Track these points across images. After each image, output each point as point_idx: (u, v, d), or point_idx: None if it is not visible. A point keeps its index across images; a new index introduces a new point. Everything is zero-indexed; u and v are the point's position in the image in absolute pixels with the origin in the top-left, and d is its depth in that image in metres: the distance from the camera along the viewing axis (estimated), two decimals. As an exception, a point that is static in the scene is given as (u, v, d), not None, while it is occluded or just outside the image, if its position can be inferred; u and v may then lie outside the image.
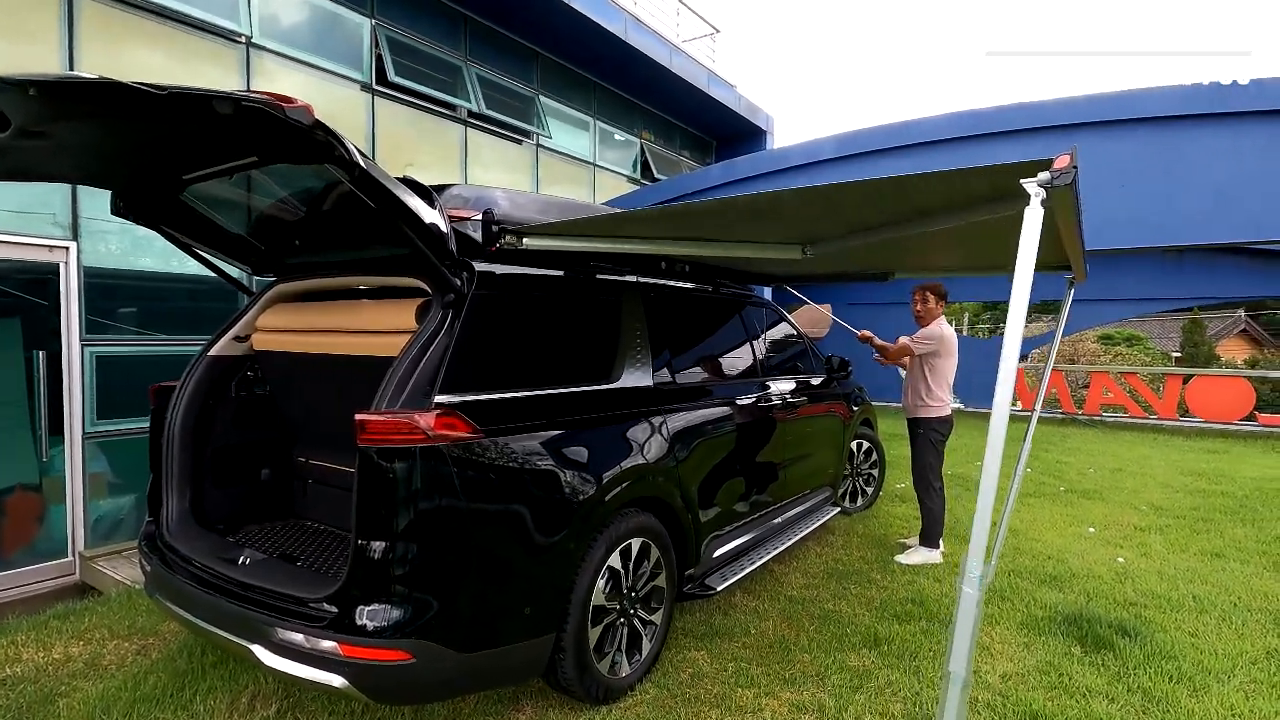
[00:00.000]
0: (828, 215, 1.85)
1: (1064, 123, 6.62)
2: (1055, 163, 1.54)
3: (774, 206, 1.74)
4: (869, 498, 5.49)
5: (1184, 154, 6.25)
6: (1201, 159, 6.12)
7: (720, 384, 3.59)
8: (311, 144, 1.84)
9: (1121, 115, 6.31)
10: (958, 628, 1.81)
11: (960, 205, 1.73)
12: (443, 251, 2.29)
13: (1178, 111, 6.10)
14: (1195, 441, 9.42)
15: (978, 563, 1.72)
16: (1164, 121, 6.16)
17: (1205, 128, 6.09)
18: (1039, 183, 1.57)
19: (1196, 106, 6.05)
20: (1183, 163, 6.30)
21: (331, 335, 2.72)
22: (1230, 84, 6.02)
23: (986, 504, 1.73)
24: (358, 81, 6.98)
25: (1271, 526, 5.18)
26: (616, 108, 10.57)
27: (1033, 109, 7.13)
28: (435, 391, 2.12)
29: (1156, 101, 6.27)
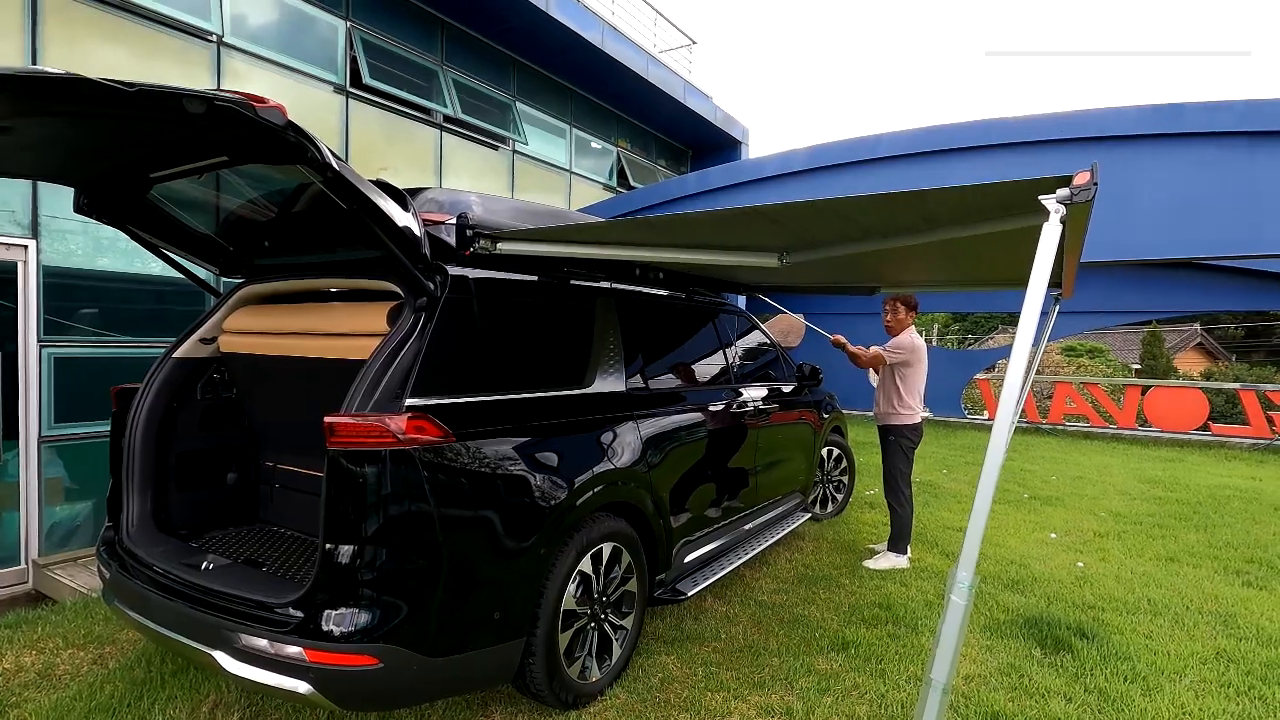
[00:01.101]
0: (830, 226, 1.88)
1: (1026, 140, 6.84)
2: (1075, 179, 1.56)
3: (784, 217, 1.77)
4: (839, 504, 5.57)
5: (1142, 173, 6.49)
6: (1159, 178, 6.36)
7: (693, 390, 3.62)
8: (284, 145, 1.83)
9: (1082, 134, 6.54)
10: (943, 636, 1.79)
11: (972, 219, 1.78)
12: (416, 255, 2.29)
13: (1134, 131, 6.35)
14: (1153, 450, 9.71)
15: (968, 573, 1.74)
16: (1122, 140, 6.40)
17: (1161, 147, 6.33)
18: (1058, 199, 1.59)
19: (1152, 127, 6.30)
20: (1141, 181, 6.53)
21: (301, 338, 2.70)
22: (1183, 106, 6.28)
23: (982, 514, 1.75)
24: (331, 83, 6.91)
25: (1222, 532, 5.36)
26: (593, 116, 10.62)
27: (995, 126, 7.35)
28: (406, 395, 2.12)
29: (1114, 122, 6.50)
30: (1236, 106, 6.11)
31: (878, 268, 3.01)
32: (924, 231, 1.81)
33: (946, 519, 5.61)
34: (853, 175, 8.07)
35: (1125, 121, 6.41)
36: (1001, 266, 2.98)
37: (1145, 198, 6.48)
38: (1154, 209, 6.58)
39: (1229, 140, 5.98)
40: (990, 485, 1.72)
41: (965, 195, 1.61)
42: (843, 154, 8.40)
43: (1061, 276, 2.87)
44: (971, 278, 3.65)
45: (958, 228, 1.78)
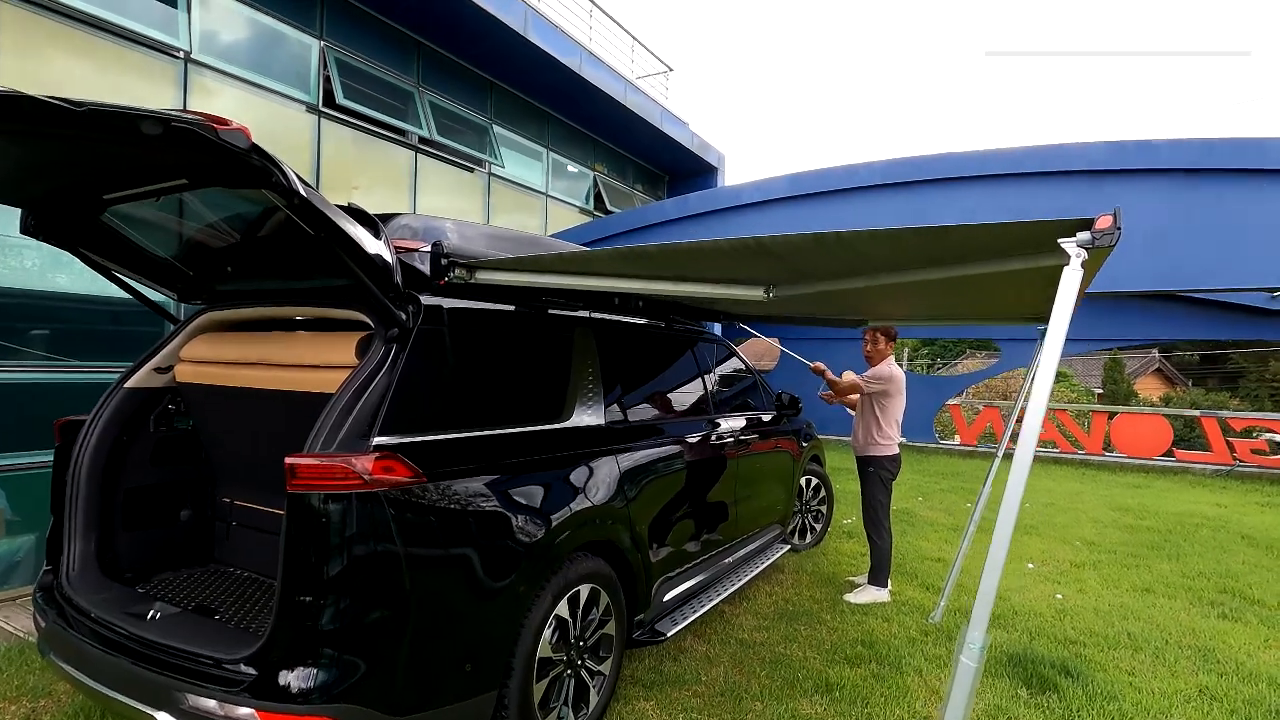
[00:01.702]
0: (835, 260, 1.82)
1: (1004, 172, 6.99)
2: (1097, 223, 1.52)
3: (785, 250, 1.70)
4: (818, 534, 5.50)
5: (1113, 205, 6.64)
6: (1132, 212, 6.52)
7: (673, 422, 3.54)
8: (247, 168, 1.73)
9: (1058, 168, 6.70)
10: (953, 701, 1.71)
11: (985, 258, 1.73)
12: (387, 284, 2.18)
13: (1108, 166, 6.53)
14: (1120, 476, 9.86)
15: (980, 633, 1.63)
16: (1097, 175, 6.56)
17: (1135, 182, 6.50)
18: (1079, 243, 1.54)
19: (1126, 162, 6.48)
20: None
21: (264, 369, 2.55)
22: (1155, 142, 6.47)
23: (994, 573, 1.64)
24: (304, 103, 6.78)
25: (1193, 562, 5.41)
26: (570, 140, 10.62)
27: (974, 159, 7.50)
28: (374, 433, 2.00)
29: (1089, 156, 6.68)
30: (1205, 144, 6.31)
31: (867, 302, 2.97)
32: (932, 268, 1.76)
33: (924, 549, 5.57)
34: (833, 203, 8.16)
35: (1099, 156, 6.59)
36: (997, 302, 2.97)
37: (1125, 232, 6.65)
38: (1127, 241, 6.74)
39: (1199, 177, 6.17)
40: (1003, 546, 1.64)
41: (981, 233, 1.56)
42: (823, 182, 8.50)
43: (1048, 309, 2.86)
44: (964, 313, 3.65)
45: (968, 265, 1.74)
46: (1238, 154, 6.01)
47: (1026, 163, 6.91)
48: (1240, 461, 10.07)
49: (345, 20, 7.08)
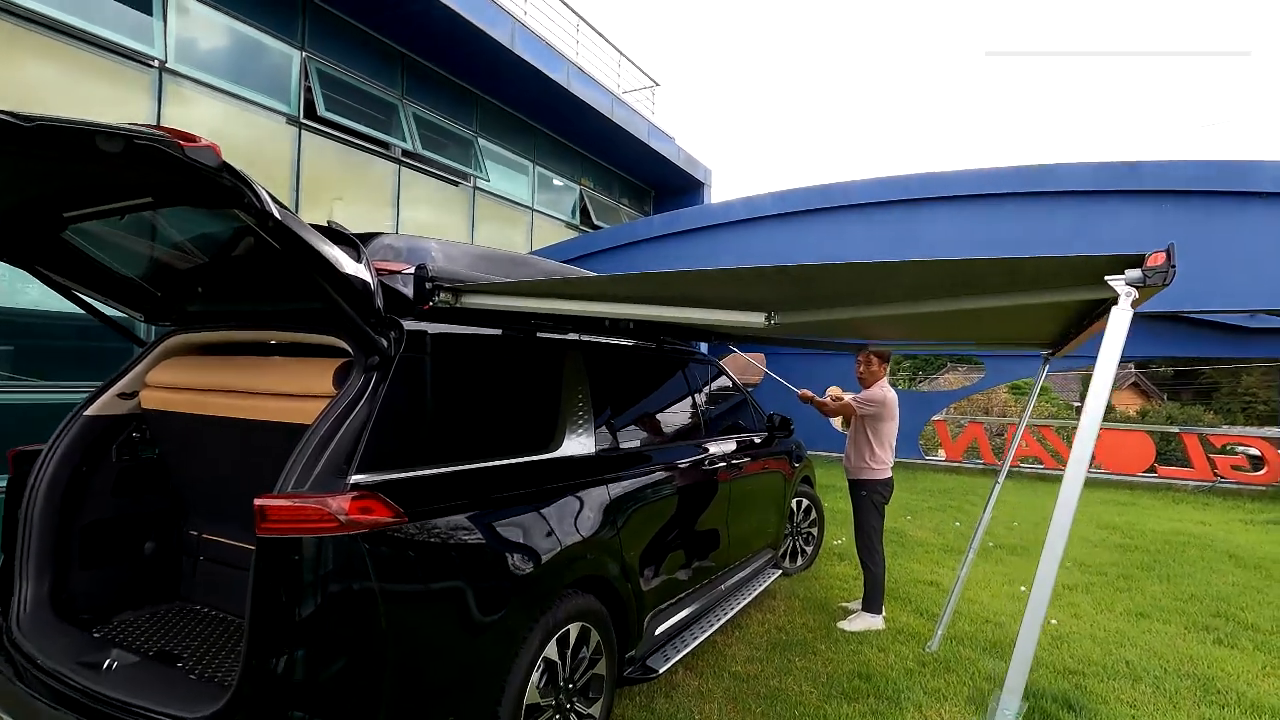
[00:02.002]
0: (856, 289, 1.73)
1: (991, 192, 7.02)
2: (1149, 260, 1.43)
3: (803, 276, 1.60)
4: (809, 557, 5.40)
5: (1103, 227, 6.71)
6: (1120, 232, 6.58)
7: (665, 447, 3.43)
8: (217, 188, 1.60)
9: (1045, 188, 6.74)
10: None
11: (1018, 289, 1.65)
12: (367, 309, 2.06)
13: (1095, 187, 6.59)
14: (1105, 493, 9.89)
15: (1016, 699, 1.52)
16: (1084, 195, 6.62)
17: (1123, 202, 6.56)
18: (1129, 281, 1.45)
19: (1112, 183, 6.54)
20: (1104, 235, 6.75)
21: (236, 396, 2.41)
22: (1139, 164, 6.54)
23: (1033, 629, 1.52)
24: (284, 114, 6.65)
25: (1184, 584, 5.38)
26: (557, 154, 10.56)
27: (962, 178, 7.54)
28: (352, 470, 1.86)
29: (1077, 177, 6.74)
30: (1191, 166, 6.39)
31: (871, 326, 2.89)
32: (964, 298, 1.67)
33: (917, 572, 5.49)
34: (822, 221, 8.14)
35: (1086, 177, 6.65)
36: (1008, 330, 2.90)
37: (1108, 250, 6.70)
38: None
39: (1185, 199, 6.24)
40: (1042, 604, 1.53)
41: (1026, 266, 1.48)
42: (812, 200, 8.50)
43: (1060, 338, 2.81)
44: (968, 338, 3.58)
45: (1003, 296, 1.65)
46: (1223, 177, 6.08)
47: (1013, 183, 6.95)
48: (1221, 478, 10.16)
49: (327, 31, 6.97)
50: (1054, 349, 3.30)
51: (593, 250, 9.41)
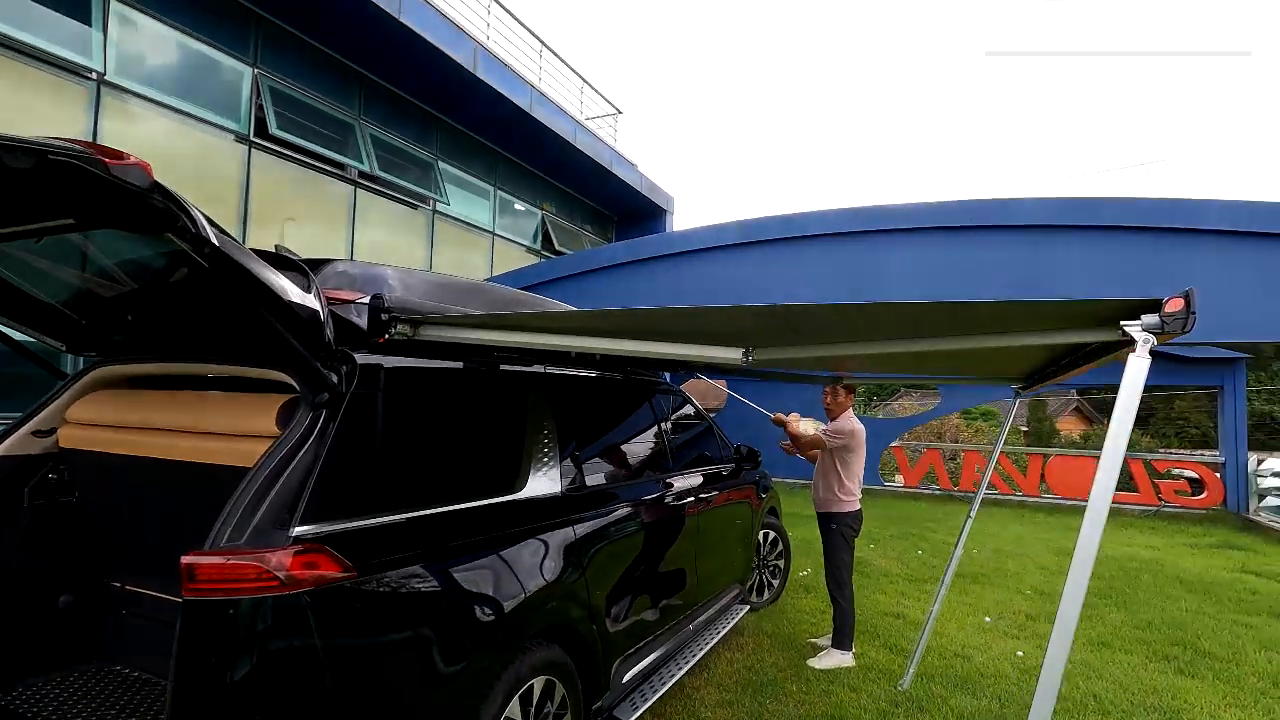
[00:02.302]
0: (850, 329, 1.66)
1: (953, 224, 7.19)
2: (1167, 305, 1.39)
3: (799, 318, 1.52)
4: (775, 591, 5.30)
5: (1060, 262, 6.91)
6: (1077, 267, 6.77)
7: (632, 484, 3.30)
8: (148, 210, 1.44)
9: (1007, 221, 6.94)
10: None
11: (1028, 330, 1.59)
12: (316, 342, 1.89)
13: (1055, 221, 6.80)
14: (1058, 518, 10.10)
15: None
16: (1044, 230, 6.82)
17: (1077, 237, 6.78)
18: (1145, 327, 1.41)
19: (1068, 219, 6.77)
20: (1059, 270, 6.94)
21: (167, 435, 2.20)
22: (1094, 200, 6.79)
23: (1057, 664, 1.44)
24: (233, 132, 6.39)
25: (1141, 611, 5.46)
26: (519, 178, 10.46)
27: (924, 210, 7.70)
28: (295, 520, 1.69)
29: (1034, 211, 6.95)
30: (1145, 204, 6.66)
31: (851, 363, 2.83)
32: (961, 339, 1.61)
33: (882, 604, 5.44)
34: (786, 250, 8.20)
35: (1043, 212, 6.87)
36: (991, 365, 2.87)
37: (1063, 285, 6.90)
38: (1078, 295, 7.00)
39: (1138, 235, 6.47)
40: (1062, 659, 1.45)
41: (1043, 309, 1.42)
42: (775, 230, 8.58)
43: (1036, 375, 2.80)
44: (946, 373, 3.56)
45: (1005, 337, 1.60)
46: (1173, 214, 6.36)
47: (971, 216, 7.14)
48: (1165, 502, 10.51)
49: (281, 48, 6.77)
50: (1026, 384, 3.30)
51: (555, 276, 9.29)
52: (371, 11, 6.27)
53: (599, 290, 8.54)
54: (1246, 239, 6.02)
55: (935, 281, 7.20)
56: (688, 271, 8.61)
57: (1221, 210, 6.08)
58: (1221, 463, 10.63)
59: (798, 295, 8.06)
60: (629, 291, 8.47)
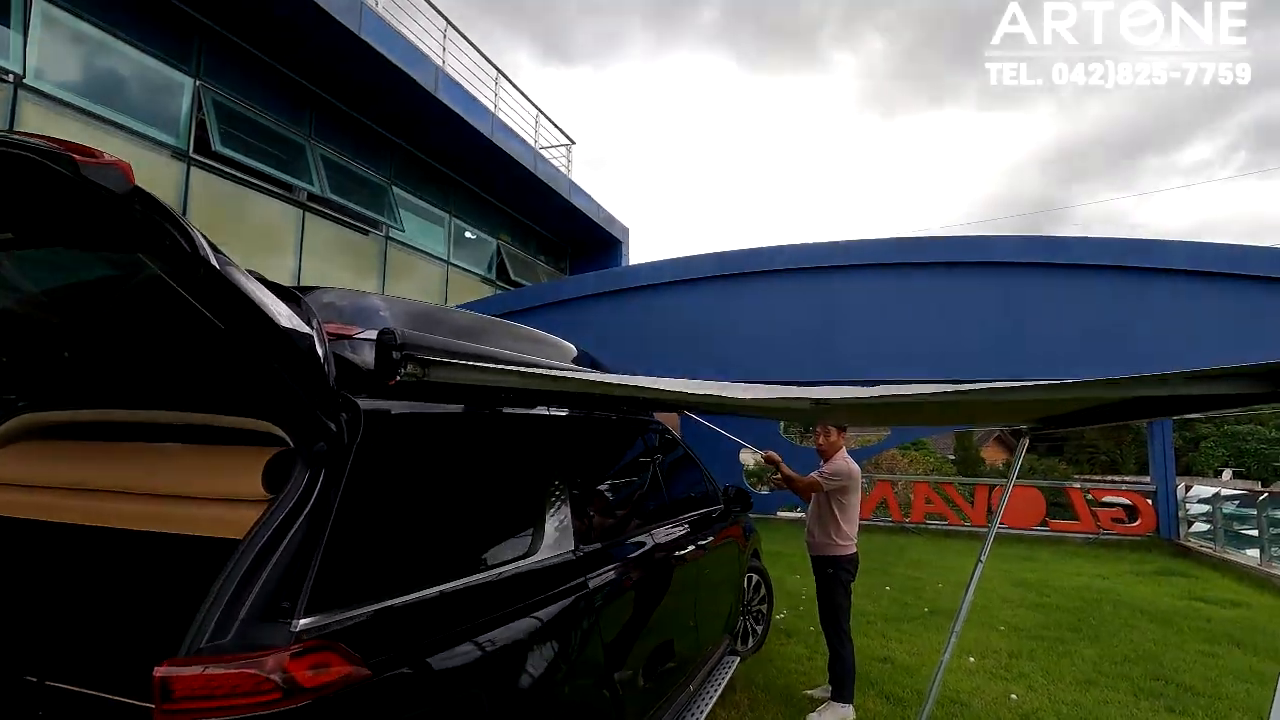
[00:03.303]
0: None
1: (918, 261, 7.33)
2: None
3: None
4: (759, 638, 5.07)
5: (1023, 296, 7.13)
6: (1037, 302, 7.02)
7: (637, 536, 3.03)
8: (125, 221, 1.14)
9: (971, 258, 7.13)
10: None
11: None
12: (317, 384, 1.58)
13: (1018, 259, 7.04)
14: (1008, 548, 10.30)
15: None
16: (1007, 267, 7.05)
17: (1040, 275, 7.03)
18: None
19: (1035, 256, 7.02)
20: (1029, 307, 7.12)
21: (113, 498, 1.81)
22: (1062, 239, 7.11)
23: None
24: (169, 146, 5.88)
25: (1113, 645, 5.50)
26: (475, 207, 10.15)
27: (888, 246, 7.85)
28: (298, 611, 1.36)
29: (1000, 248, 7.19)
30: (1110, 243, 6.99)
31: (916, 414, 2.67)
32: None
33: (868, 647, 5.28)
34: (755, 285, 8.18)
35: (1009, 249, 7.08)
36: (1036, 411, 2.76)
37: (1034, 320, 7.11)
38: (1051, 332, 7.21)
39: (1101, 272, 6.76)
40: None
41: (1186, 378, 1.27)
42: (744, 263, 8.57)
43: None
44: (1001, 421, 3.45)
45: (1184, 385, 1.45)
46: (1135, 254, 6.67)
47: (948, 253, 7.31)
48: (1104, 530, 10.90)
49: (228, 61, 6.32)
50: (1043, 426, 3.24)
51: (518, 308, 8.96)
52: (331, 28, 5.92)
53: (566, 322, 8.28)
54: (1210, 279, 6.38)
55: (910, 316, 7.31)
56: (657, 305, 8.46)
57: (1185, 251, 6.44)
58: (1153, 490, 11.14)
59: (770, 329, 8.04)
60: (598, 324, 8.23)
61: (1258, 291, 6.83)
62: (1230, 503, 9.90)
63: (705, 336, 8.11)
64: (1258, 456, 34.27)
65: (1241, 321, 6.92)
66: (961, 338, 7.29)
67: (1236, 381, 1.37)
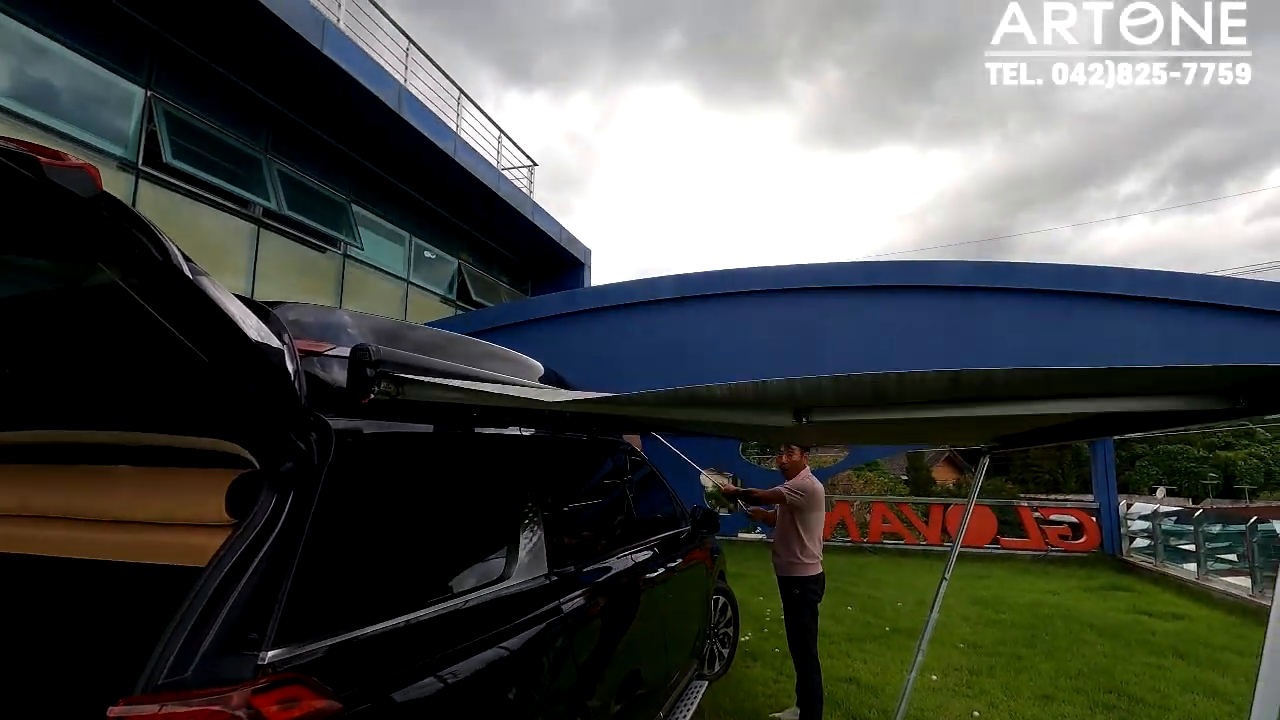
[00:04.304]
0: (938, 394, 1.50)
1: (880, 284, 7.54)
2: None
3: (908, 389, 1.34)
4: (726, 660, 5.04)
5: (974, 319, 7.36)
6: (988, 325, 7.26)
7: (609, 560, 2.98)
8: (91, 227, 1.08)
9: (931, 282, 7.37)
10: None
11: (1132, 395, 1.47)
12: (288, 402, 1.52)
13: (975, 284, 7.31)
14: (963, 566, 10.50)
15: None
16: (966, 291, 7.30)
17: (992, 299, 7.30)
18: None
19: (990, 281, 7.29)
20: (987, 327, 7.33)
21: (57, 525, 1.69)
22: (1013, 265, 7.40)
23: None
24: (116, 157, 5.65)
25: (1067, 660, 5.65)
26: (436, 226, 10.03)
27: (849, 270, 8.06)
28: (266, 642, 1.28)
29: (958, 273, 7.45)
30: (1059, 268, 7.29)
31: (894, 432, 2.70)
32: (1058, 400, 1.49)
33: (832, 667, 5.29)
34: (723, 306, 8.27)
35: (967, 273, 7.34)
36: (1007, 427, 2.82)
37: (984, 342, 7.34)
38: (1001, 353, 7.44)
39: (1050, 297, 7.06)
40: None
41: (1142, 376, 1.31)
42: (713, 285, 8.68)
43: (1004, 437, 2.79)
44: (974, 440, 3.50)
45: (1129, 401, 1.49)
46: (1081, 279, 6.99)
47: (903, 276, 7.54)
48: (1052, 547, 11.24)
49: (182, 71, 6.14)
50: (1004, 445, 3.33)
51: (484, 327, 8.83)
52: (292, 43, 5.79)
53: (532, 342, 8.21)
54: (1147, 304, 6.73)
55: (871, 338, 7.50)
56: (626, 325, 8.47)
57: (1124, 277, 6.78)
58: (1096, 508, 11.56)
59: (737, 350, 8.14)
60: (565, 345, 8.19)
61: (1189, 315, 7.25)
62: (1169, 519, 10.33)
63: (673, 357, 8.16)
64: (1188, 474, 36.09)
65: (1173, 344, 7.32)
66: (917, 360, 7.51)
67: (1202, 399, 1.43)
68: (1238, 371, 1.32)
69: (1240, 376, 1.32)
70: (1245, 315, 7.28)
